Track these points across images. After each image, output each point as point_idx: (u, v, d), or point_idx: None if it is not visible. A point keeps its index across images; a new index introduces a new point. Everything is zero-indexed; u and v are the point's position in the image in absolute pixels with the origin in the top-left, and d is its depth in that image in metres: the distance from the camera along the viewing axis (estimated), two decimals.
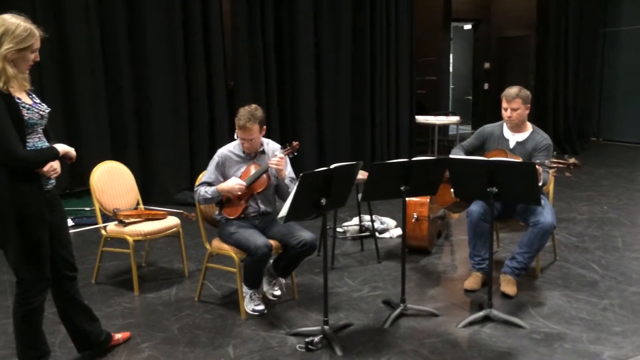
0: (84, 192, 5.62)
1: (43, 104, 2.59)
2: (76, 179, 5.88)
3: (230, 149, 3.55)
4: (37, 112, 2.51)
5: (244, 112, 3.38)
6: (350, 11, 7.36)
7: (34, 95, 2.58)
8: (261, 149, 3.57)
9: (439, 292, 3.84)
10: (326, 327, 3.11)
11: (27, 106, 2.46)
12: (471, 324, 3.32)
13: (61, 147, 2.59)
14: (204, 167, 3.70)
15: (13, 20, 2.39)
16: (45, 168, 2.51)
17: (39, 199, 2.51)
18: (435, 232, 4.76)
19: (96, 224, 4.01)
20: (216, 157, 3.54)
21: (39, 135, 2.56)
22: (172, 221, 4.01)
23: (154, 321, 3.40)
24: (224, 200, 3.52)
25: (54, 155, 2.55)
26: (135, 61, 6.10)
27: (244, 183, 3.40)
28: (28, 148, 2.47)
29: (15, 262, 2.50)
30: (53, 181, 2.64)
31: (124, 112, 6.09)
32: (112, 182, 4.03)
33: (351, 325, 3.33)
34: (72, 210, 5.60)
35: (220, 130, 6.58)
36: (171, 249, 4.66)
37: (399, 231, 5.09)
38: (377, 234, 4.82)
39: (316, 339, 3.04)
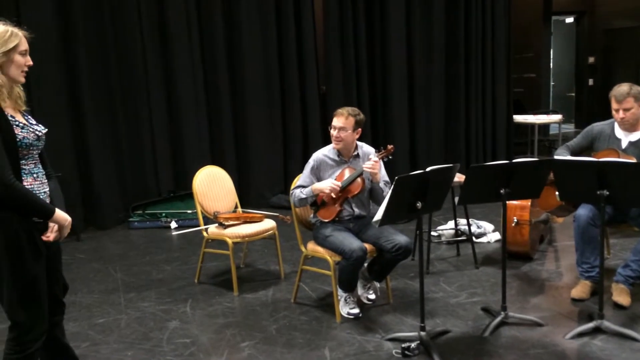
0: (187, 196, 5.93)
1: (39, 125, 2.30)
2: (180, 183, 6.21)
3: (325, 152, 3.59)
4: (33, 132, 2.21)
5: (345, 107, 3.52)
6: (444, 7, 7.20)
7: (29, 117, 2.30)
8: (355, 153, 3.57)
9: (542, 301, 3.65)
10: (423, 333, 3.04)
11: (20, 124, 2.18)
12: (580, 335, 3.12)
13: (59, 214, 2.21)
14: (297, 171, 3.76)
15: None
16: (50, 232, 2.22)
17: (32, 230, 2.17)
18: (537, 237, 4.53)
19: (197, 226, 4.19)
20: (311, 161, 3.58)
21: (35, 160, 2.26)
22: (268, 224, 4.11)
23: (253, 321, 3.50)
24: (319, 203, 3.56)
25: (46, 211, 2.18)
26: (231, 69, 6.34)
27: (339, 183, 3.42)
28: (23, 174, 2.18)
29: (8, 303, 2.16)
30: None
31: (222, 118, 6.35)
32: (213, 186, 4.20)
33: (449, 332, 3.24)
34: (176, 212, 5.92)
35: (313, 134, 6.67)
36: (267, 251, 4.78)
37: (496, 235, 4.90)
38: (474, 238, 4.66)
39: (413, 344, 2.99)
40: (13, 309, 2.16)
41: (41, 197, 2.23)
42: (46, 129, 2.31)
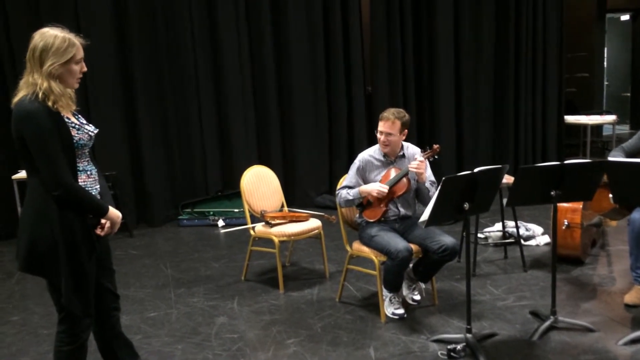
0: (234, 195, 6.04)
1: (90, 125, 2.41)
2: (228, 182, 6.34)
3: (370, 153, 3.60)
4: (87, 133, 2.33)
5: (390, 109, 3.53)
6: (494, 4, 7.06)
7: (79, 116, 2.39)
8: (401, 153, 3.57)
9: (594, 306, 3.55)
10: (469, 336, 3.02)
11: (76, 126, 2.29)
12: (633, 342, 3.02)
13: (112, 211, 2.35)
14: (342, 172, 3.78)
15: (51, 33, 2.23)
16: (100, 229, 2.37)
17: (87, 227, 2.30)
18: (589, 240, 4.40)
19: (244, 224, 4.27)
20: (357, 162, 3.60)
21: (87, 158, 2.37)
22: (314, 223, 4.15)
23: (298, 319, 3.55)
24: (364, 203, 3.57)
25: (101, 209, 2.32)
26: (279, 70, 6.42)
27: (386, 187, 3.42)
28: (78, 171, 2.29)
29: (66, 295, 2.26)
30: None
31: (269, 119, 6.44)
32: (260, 185, 4.27)
33: (496, 335, 3.20)
34: (223, 211, 6.05)
35: (359, 135, 6.68)
36: (312, 250, 4.82)
37: (546, 238, 4.79)
38: (522, 241, 4.57)
39: (459, 346, 2.97)
40: (70, 301, 2.26)
41: (93, 193, 2.35)
42: (97, 129, 2.42)
